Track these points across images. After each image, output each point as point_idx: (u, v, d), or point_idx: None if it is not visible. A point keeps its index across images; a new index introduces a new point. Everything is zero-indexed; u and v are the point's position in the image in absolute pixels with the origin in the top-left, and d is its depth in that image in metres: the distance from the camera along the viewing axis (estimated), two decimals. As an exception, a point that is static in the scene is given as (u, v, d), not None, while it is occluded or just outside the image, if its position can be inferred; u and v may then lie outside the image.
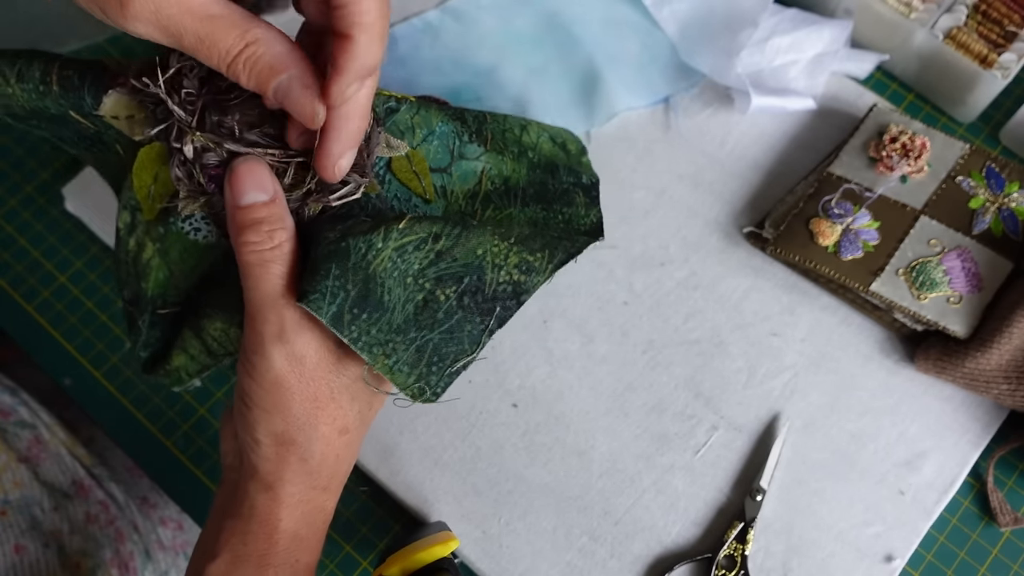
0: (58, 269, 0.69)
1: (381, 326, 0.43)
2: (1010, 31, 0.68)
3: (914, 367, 0.61)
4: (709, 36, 0.70)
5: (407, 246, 0.43)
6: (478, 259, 0.45)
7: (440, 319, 0.44)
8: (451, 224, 0.44)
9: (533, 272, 0.45)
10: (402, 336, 0.43)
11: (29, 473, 0.67)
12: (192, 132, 0.42)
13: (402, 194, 0.47)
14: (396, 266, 0.43)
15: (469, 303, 0.44)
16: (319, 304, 0.41)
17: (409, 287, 0.44)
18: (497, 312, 0.45)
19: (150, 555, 0.71)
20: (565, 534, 0.59)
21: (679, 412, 0.61)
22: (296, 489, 0.44)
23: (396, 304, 0.43)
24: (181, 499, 0.64)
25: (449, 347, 0.44)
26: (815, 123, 0.69)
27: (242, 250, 0.41)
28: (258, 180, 0.42)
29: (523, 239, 0.46)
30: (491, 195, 0.49)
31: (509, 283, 0.45)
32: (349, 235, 0.43)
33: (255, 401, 0.42)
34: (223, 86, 0.43)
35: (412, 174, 0.48)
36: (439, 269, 0.44)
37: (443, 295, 0.44)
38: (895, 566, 0.57)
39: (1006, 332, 0.57)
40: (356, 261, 0.42)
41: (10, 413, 0.71)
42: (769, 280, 0.65)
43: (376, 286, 0.43)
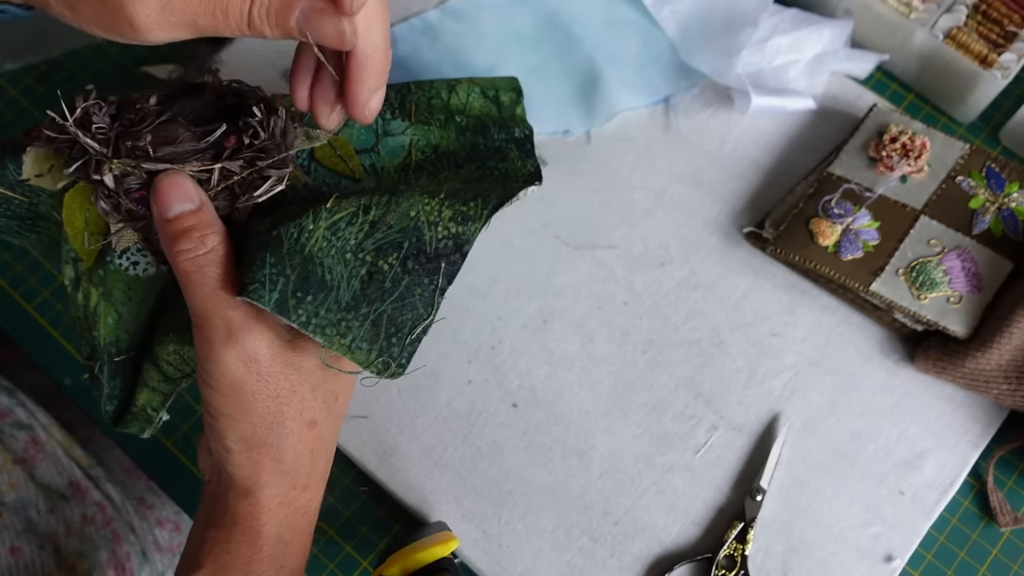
0: (58, 269, 0.69)
1: (329, 305, 0.43)
2: (1010, 31, 0.68)
3: (914, 367, 0.61)
4: (709, 36, 0.70)
5: (339, 223, 0.43)
6: (412, 221, 0.44)
7: (388, 288, 0.44)
8: (379, 193, 0.44)
9: (469, 220, 0.45)
10: (353, 313, 0.43)
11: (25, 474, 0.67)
12: (109, 160, 0.43)
13: (331, 179, 0.48)
14: (332, 244, 0.43)
15: (413, 266, 0.44)
16: (260, 293, 0.41)
17: (350, 263, 0.44)
18: (443, 269, 0.45)
19: (147, 556, 0.71)
20: (565, 534, 0.59)
21: (679, 412, 0.61)
22: (275, 491, 0.44)
23: (340, 282, 0.43)
24: (181, 499, 0.64)
25: (404, 315, 0.44)
26: (815, 123, 0.69)
27: (177, 260, 0.42)
28: (182, 191, 0.42)
29: (453, 193, 0.46)
30: (423, 164, 0.50)
31: (448, 237, 0.45)
32: (279, 223, 0.43)
33: (218, 410, 0.42)
34: (134, 118, 0.44)
35: (337, 158, 0.48)
36: (376, 240, 0.44)
37: (386, 264, 0.44)
38: (895, 566, 0.57)
39: (1006, 332, 0.57)
40: (290, 247, 0.43)
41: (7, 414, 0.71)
42: (769, 280, 0.65)
43: (315, 267, 0.43)
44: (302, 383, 0.44)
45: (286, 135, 0.45)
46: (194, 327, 0.42)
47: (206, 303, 0.41)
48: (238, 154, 0.44)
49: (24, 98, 0.75)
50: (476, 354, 0.63)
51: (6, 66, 0.76)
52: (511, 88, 0.55)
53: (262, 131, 0.44)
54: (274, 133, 0.45)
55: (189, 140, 0.44)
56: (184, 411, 0.66)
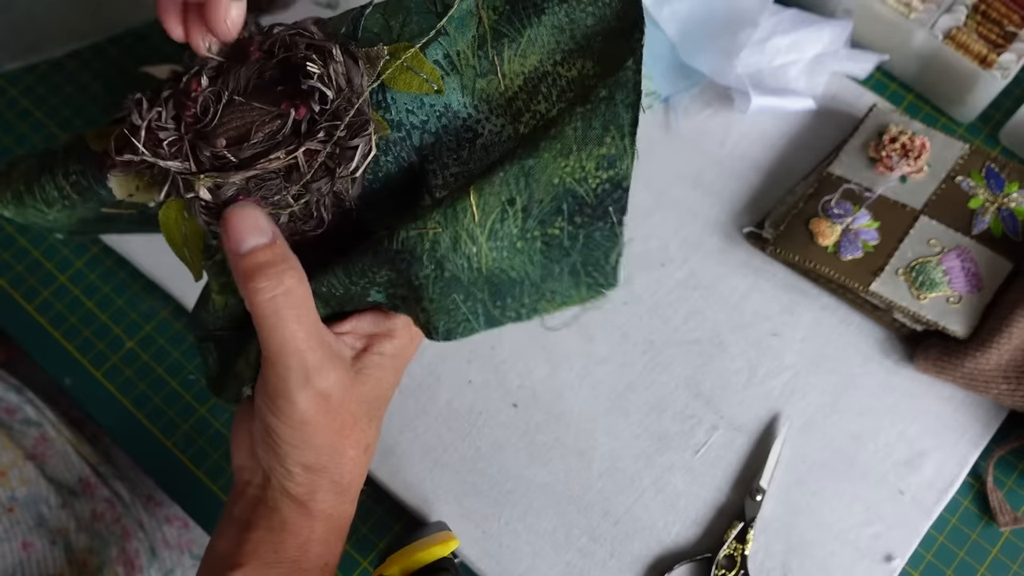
0: (58, 269, 0.69)
1: (527, 291, 0.42)
2: (1009, 31, 0.68)
3: (914, 367, 0.61)
4: (709, 36, 0.70)
5: (494, 229, 0.41)
6: (560, 187, 0.42)
7: (568, 245, 0.42)
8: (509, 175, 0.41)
9: (616, 160, 0.42)
10: (550, 280, 0.42)
11: (36, 470, 0.67)
12: (198, 177, 0.41)
13: (412, 103, 0.43)
14: (499, 248, 0.41)
15: (582, 220, 0.42)
16: (469, 328, 0.41)
17: (523, 249, 0.42)
18: (611, 209, 0.42)
19: (155, 553, 0.72)
20: (565, 534, 0.59)
21: (679, 412, 0.61)
22: (327, 505, 0.45)
23: (525, 268, 0.42)
24: (181, 498, 0.64)
25: (595, 253, 0.42)
26: (815, 123, 0.69)
27: (253, 298, 0.40)
28: (253, 223, 0.41)
29: (583, 137, 0.41)
30: (499, 28, 0.43)
31: (603, 182, 0.42)
32: (445, 260, 0.41)
33: (283, 438, 0.43)
34: (196, 111, 0.42)
35: (407, 73, 0.43)
36: (535, 217, 0.42)
37: (556, 229, 0.42)
38: (895, 566, 0.57)
39: (1006, 332, 0.57)
40: (470, 278, 0.41)
41: (16, 411, 0.71)
42: (769, 280, 0.65)
43: (498, 276, 0.42)
44: (362, 414, 0.45)
45: (351, 80, 0.42)
46: (267, 363, 0.42)
47: (284, 345, 0.41)
48: (314, 126, 0.41)
49: (24, 98, 0.75)
50: (476, 354, 0.63)
51: (7, 66, 0.76)
52: None
53: (327, 90, 0.41)
54: (339, 86, 0.42)
55: (261, 126, 0.42)
56: (184, 411, 0.66)
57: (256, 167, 0.41)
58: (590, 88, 0.42)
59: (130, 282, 0.69)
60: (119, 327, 0.68)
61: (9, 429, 0.69)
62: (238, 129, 0.42)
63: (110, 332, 0.68)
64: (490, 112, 0.44)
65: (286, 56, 0.43)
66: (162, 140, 0.42)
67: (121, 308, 0.68)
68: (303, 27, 0.43)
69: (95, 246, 0.70)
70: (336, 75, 0.42)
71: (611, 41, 0.43)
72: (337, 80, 0.42)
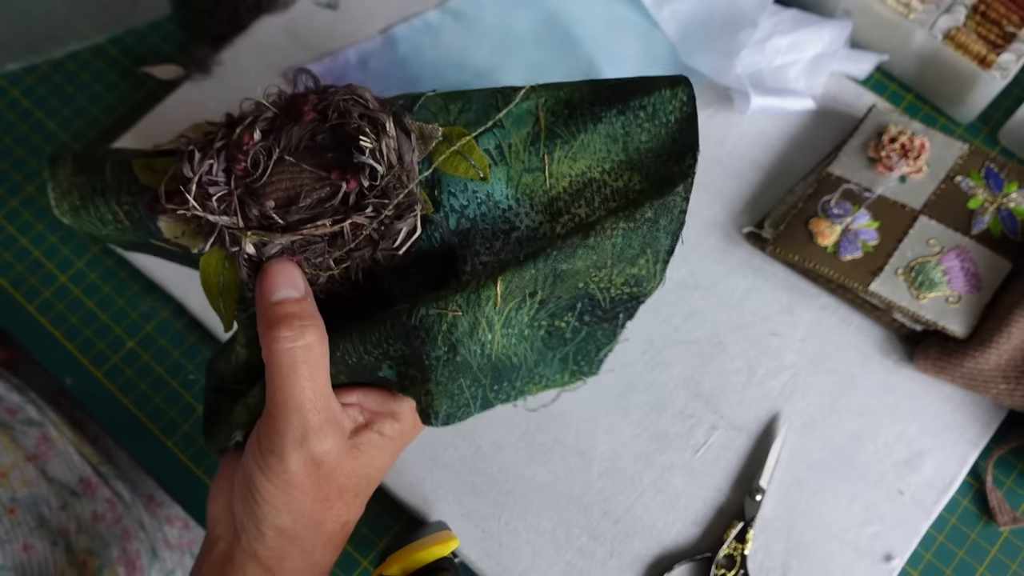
0: (59, 269, 0.70)
1: (521, 375, 0.43)
2: (1009, 31, 0.68)
3: (913, 367, 0.61)
4: (709, 36, 0.70)
5: (510, 317, 0.42)
6: (582, 291, 0.43)
7: (569, 337, 0.44)
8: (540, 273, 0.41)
9: (644, 281, 0.43)
10: (543, 365, 0.43)
11: (37, 471, 0.68)
12: (244, 235, 0.41)
13: (455, 186, 0.43)
14: (509, 335, 0.42)
15: (590, 319, 0.44)
16: (468, 412, 0.42)
17: (528, 337, 0.43)
18: (621, 315, 0.44)
19: (156, 553, 0.72)
20: (565, 534, 0.59)
21: (679, 412, 0.61)
22: (294, 573, 0.44)
23: (526, 354, 0.43)
24: (181, 498, 0.64)
25: (589, 347, 0.44)
26: (815, 123, 0.70)
27: (272, 346, 0.40)
28: (289, 277, 0.41)
29: (620, 254, 0.42)
30: (554, 129, 0.44)
31: (623, 295, 0.43)
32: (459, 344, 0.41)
33: (264, 497, 0.42)
34: (247, 166, 0.42)
35: (457, 157, 0.43)
36: (548, 309, 0.43)
37: (563, 323, 0.44)
38: (894, 565, 0.57)
39: (1005, 332, 0.57)
40: (479, 364, 0.42)
41: (17, 411, 0.71)
42: (769, 280, 0.65)
43: (502, 361, 0.43)
44: (349, 489, 0.44)
45: (402, 156, 0.42)
46: (267, 415, 0.41)
47: (290, 400, 0.41)
48: (362, 199, 0.42)
49: (25, 98, 0.75)
50: (476, 354, 0.63)
51: (7, 66, 0.76)
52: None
53: (378, 165, 0.41)
54: (390, 162, 0.42)
55: (310, 192, 0.42)
56: (184, 411, 0.66)
57: (302, 231, 0.41)
58: (635, 203, 0.42)
59: (131, 282, 0.69)
60: (119, 327, 0.68)
61: (11, 430, 0.69)
62: (287, 191, 0.42)
63: (111, 332, 0.68)
64: (531, 208, 0.44)
65: (340, 123, 0.43)
66: (212, 194, 0.42)
67: (122, 308, 0.68)
68: (359, 93, 0.43)
69: (95, 246, 0.70)
70: (388, 150, 0.42)
71: (661, 161, 0.43)
72: (388, 156, 0.42)
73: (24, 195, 0.72)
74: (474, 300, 0.40)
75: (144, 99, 0.75)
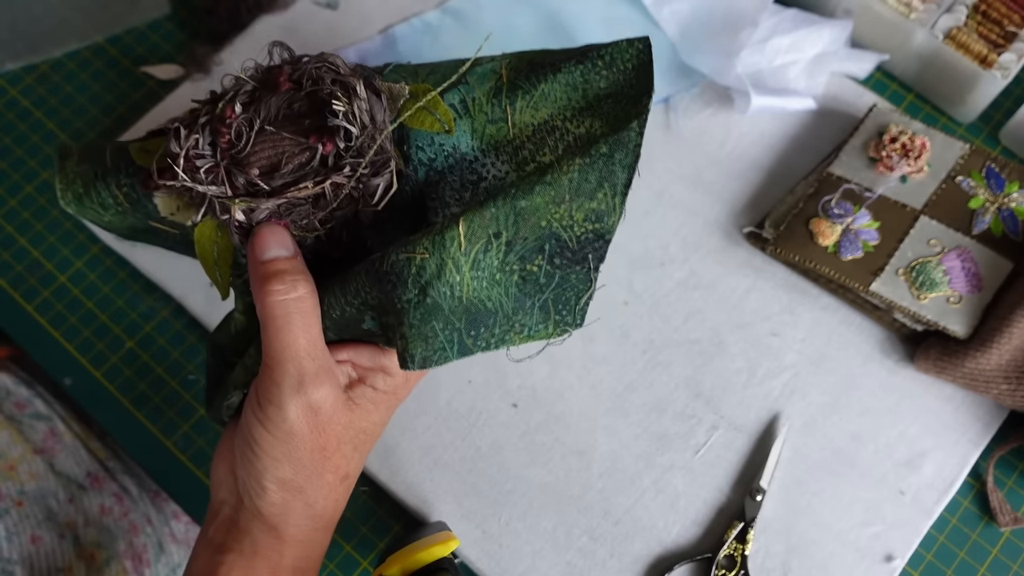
0: (58, 269, 0.69)
1: (499, 322, 0.44)
2: (1010, 31, 0.68)
3: (914, 367, 0.61)
4: (709, 36, 0.70)
5: (477, 260, 0.43)
6: (546, 230, 0.44)
7: (543, 283, 0.44)
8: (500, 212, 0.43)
9: (604, 216, 0.45)
10: (520, 313, 0.44)
11: (45, 465, 0.68)
12: (233, 202, 0.44)
13: (422, 141, 0.46)
14: (479, 278, 0.43)
15: (561, 262, 0.44)
16: (444, 356, 0.43)
17: (500, 281, 0.44)
18: (590, 256, 0.45)
19: (163, 548, 0.72)
20: (565, 534, 0.59)
21: (679, 412, 0.61)
22: (299, 531, 0.45)
23: (500, 300, 0.44)
24: (181, 498, 0.64)
25: (567, 293, 0.45)
26: (815, 123, 0.69)
27: (265, 300, 0.42)
28: (279, 239, 0.44)
29: (577, 188, 0.44)
30: (516, 81, 0.46)
31: (587, 232, 0.45)
32: (429, 287, 0.42)
33: (265, 450, 0.43)
34: (231, 137, 0.45)
35: (423, 112, 0.46)
36: (516, 252, 0.44)
37: (534, 267, 0.44)
38: (895, 566, 0.57)
39: (1006, 332, 0.57)
40: (450, 306, 0.43)
41: (26, 405, 0.71)
42: (769, 280, 0.65)
43: (476, 305, 0.44)
44: (347, 441, 0.45)
45: (374, 116, 0.45)
46: (264, 368, 0.43)
47: (285, 349, 0.42)
48: (340, 160, 0.44)
49: (25, 98, 0.75)
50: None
51: (6, 66, 0.76)
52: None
53: (352, 127, 0.44)
54: (363, 122, 0.44)
55: (291, 157, 0.44)
56: (184, 411, 0.66)
57: (286, 195, 0.44)
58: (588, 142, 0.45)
59: (130, 282, 0.69)
60: (119, 327, 0.68)
61: (19, 424, 0.69)
62: (270, 159, 0.45)
63: (110, 332, 0.68)
64: (496, 158, 0.46)
65: (313, 90, 0.45)
66: (199, 167, 0.45)
67: (121, 308, 0.68)
68: (330, 61, 0.46)
69: (95, 246, 0.70)
70: (360, 112, 0.44)
71: (621, 105, 0.45)
72: (361, 117, 0.44)
73: (23, 195, 0.72)
74: (439, 242, 0.42)
75: (143, 99, 0.75)
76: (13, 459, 0.67)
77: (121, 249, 0.68)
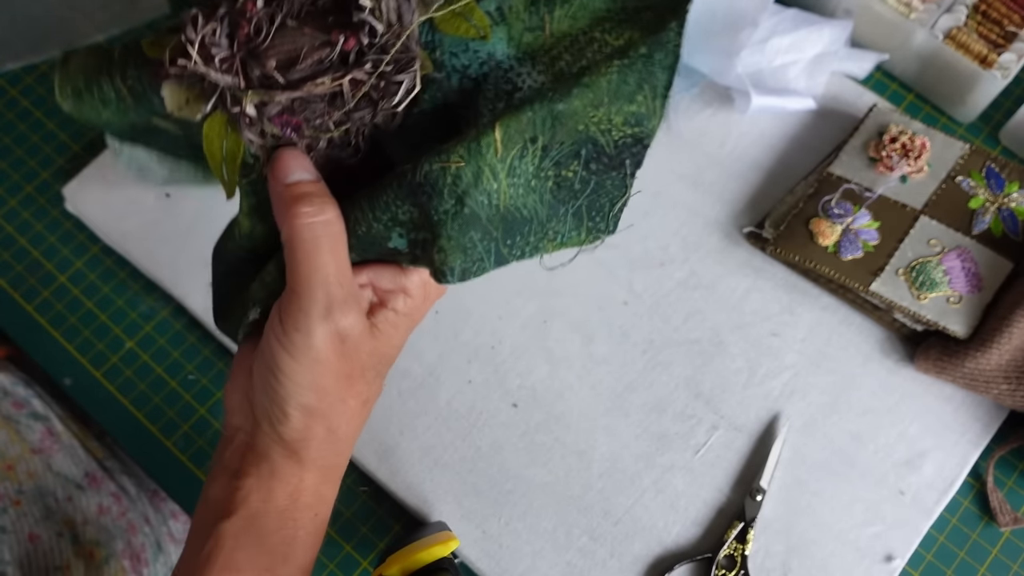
0: (58, 269, 0.69)
1: (534, 230, 0.44)
2: (1010, 31, 0.68)
3: (914, 367, 0.61)
4: (709, 36, 0.70)
5: (513, 166, 0.42)
6: (583, 134, 0.43)
7: (578, 189, 0.44)
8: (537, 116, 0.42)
9: (644, 119, 0.44)
10: (554, 220, 0.44)
11: (43, 465, 0.68)
12: (245, 94, 0.42)
13: (456, 47, 0.44)
14: (515, 185, 0.42)
15: (597, 168, 0.44)
16: (483, 267, 0.43)
17: (535, 188, 0.43)
18: (627, 162, 0.44)
19: (161, 547, 0.72)
20: (565, 534, 0.59)
21: (679, 412, 0.61)
22: (320, 455, 0.45)
23: (536, 206, 0.44)
24: (181, 499, 0.64)
25: (601, 200, 0.44)
26: (815, 123, 0.69)
27: (293, 223, 0.41)
28: (301, 163, 0.42)
29: (616, 91, 0.42)
30: None
31: (625, 136, 0.44)
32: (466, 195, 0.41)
33: (289, 376, 0.42)
34: (250, 32, 0.43)
35: (457, 17, 0.44)
36: (552, 157, 0.43)
37: (569, 172, 0.43)
38: (895, 566, 0.57)
39: (1006, 332, 0.57)
40: (488, 215, 0.42)
41: (24, 405, 0.71)
42: (769, 280, 0.65)
43: (511, 212, 0.43)
44: (370, 367, 0.45)
45: (401, 15, 0.43)
46: (290, 293, 0.42)
47: (313, 274, 0.41)
48: (361, 57, 0.42)
49: (24, 98, 0.75)
50: (476, 354, 0.63)
51: (7, 66, 0.76)
52: None
53: (377, 23, 0.42)
54: (389, 20, 0.43)
55: (310, 52, 0.43)
56: (184, 411, 0.66)
57: (302, 90, 0.42)
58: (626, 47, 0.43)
59: (130, 282, 0.69)
60: (119, 327, 0.68)
61: (16, 424, 0.69)
62: (288, 53, 0.43)
63: (110, 332, 0.68)
64: (532, 67, 0.44)
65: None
66: (214, 56, 0.43)
67: (121, 308, 0.68)
68: None
69: (95, 246, 0.70)
70: (388, 9, 0.43)
71: (660, 15, 0.44)
72: (388, 15, 0.43)
73: (23, 195, 0.72)
74: (475, 149, 0.41)
75: (143, 99, 0.75)
76: (11, 459, 0.67)
77: (121, 249, 0.68)
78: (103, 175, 0.70)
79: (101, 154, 0.71)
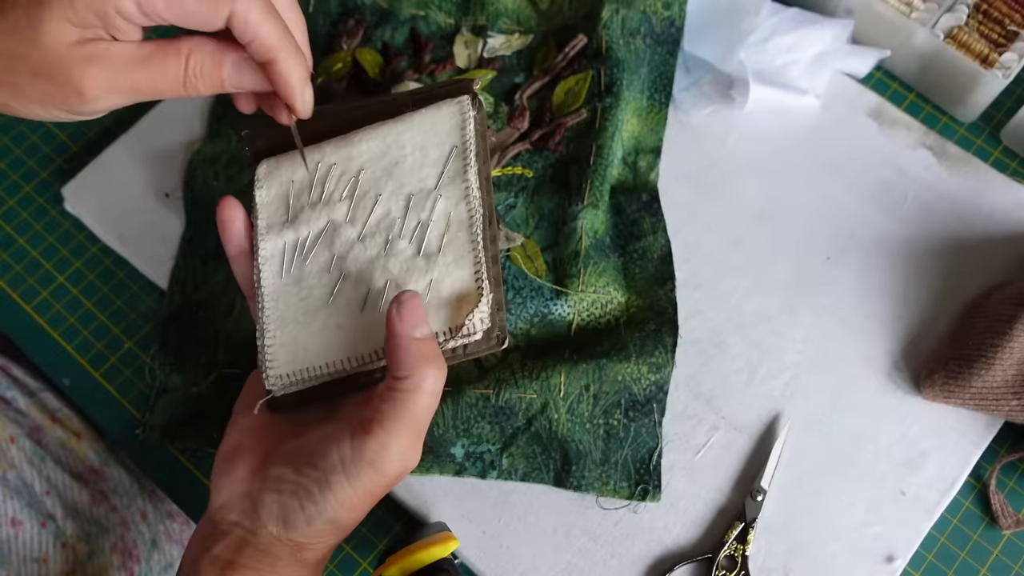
0: (57, 269, 0.69)
1: (589, 466, 0.58)
2: (1011, 30, 0.68)
3: (921, 397, 0.61)
4: (712, 25, 0.70)
5: (572, 406, 0.57)
6: (621, 384, 0.58)
7: (623, 437, 0.58)
8: (589, 367, 0.57)
9: (661, 368, 0.59)
10: (606, 465, 0.58)
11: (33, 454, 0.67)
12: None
13: (519, 275, 0.60)
14: (573, 422, 0.57)
15: (634, 415, 0.58)
16: (541, 477, 0.58)
17: (590, 431, 0.58)
18: (654, 408, 0.58)
19: (157, 544, 0.72)
20: (565, 534, 0.59)
21: (679, 412, 0.61)
22: (324, 552, 0.46)
23: (589, 446, 0.58)
24: (181, 499, 0.64)
25: (641, 451, 0.58)
26: (816, 122, 0.69)
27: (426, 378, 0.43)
28: (424, 317, 0.44)
29: (640, 348, 0.59)
30: (590, 252, 0.61)
31: (650, 384, 0.58)
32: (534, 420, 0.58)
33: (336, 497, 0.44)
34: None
35: (527, 259, 0.61)
36: (601, 406, 0.58)
37: (615, 421, 0.58)
38: (896, 567, 0.57)
39: (1007, 347, 0.57)
40: (547, 436, 0.58)
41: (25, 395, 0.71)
42: (769, 280, 0.65)
43: (569, 444, 0.58)
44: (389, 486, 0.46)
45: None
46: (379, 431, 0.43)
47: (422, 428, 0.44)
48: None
49: (23, 97, 0.75)
50: (476, 354, 0.63)
51: (5, 65, 0.76)
52: (651, 149, 0.66)
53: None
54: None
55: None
56: (184, 411, 0.65)
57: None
58: (640, 319, 0.61)
59: (129, 282, 0.69)
60: (118, 327, 0.68)
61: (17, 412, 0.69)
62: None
63: (109, 332, 0.68)
64: (564, 301, 0.60)
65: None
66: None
67: (120, 308, 0.68)
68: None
69: (94, 246, 0.70)
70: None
71: (650, 284, 0.62)
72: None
73: (22, 195, 0.72)
74: (545, 386, 0.57)
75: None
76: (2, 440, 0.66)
77: (121, 249, 0.68)
78: (102, 175, 0.70)
79: (101, 154, 0.70)
